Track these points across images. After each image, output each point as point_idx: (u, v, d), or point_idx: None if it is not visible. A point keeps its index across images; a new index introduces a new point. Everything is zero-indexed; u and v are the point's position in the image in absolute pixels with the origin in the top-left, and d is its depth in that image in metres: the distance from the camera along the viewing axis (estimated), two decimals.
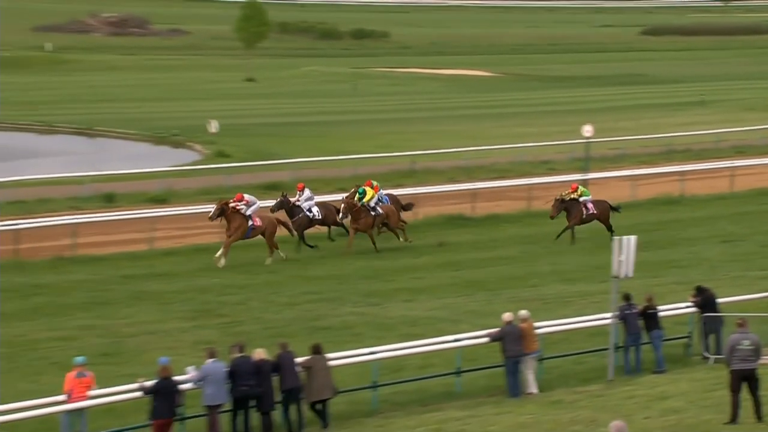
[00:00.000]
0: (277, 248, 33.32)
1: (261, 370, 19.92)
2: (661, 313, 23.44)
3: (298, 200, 35.21)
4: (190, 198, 43.05)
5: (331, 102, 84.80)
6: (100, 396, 19.68)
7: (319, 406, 20.39)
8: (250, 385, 19.77)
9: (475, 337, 22.56)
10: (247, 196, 33.89)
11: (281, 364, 20.14)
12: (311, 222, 35.18)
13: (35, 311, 27.88)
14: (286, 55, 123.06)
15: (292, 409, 20.20)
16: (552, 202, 35.64)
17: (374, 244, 34.42)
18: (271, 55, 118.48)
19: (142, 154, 60.02)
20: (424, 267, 32.85)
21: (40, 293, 29.66)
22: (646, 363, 23.02)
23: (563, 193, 35.69)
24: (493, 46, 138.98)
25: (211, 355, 19.86)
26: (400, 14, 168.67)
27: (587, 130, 43.48)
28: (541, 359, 22.42)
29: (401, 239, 35.20)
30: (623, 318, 22.79)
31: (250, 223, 33.21)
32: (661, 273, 30.52)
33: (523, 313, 22.26)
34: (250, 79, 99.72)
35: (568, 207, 35.43)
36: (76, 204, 41.56)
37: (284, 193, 35.84)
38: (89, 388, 19.56)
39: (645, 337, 23.10)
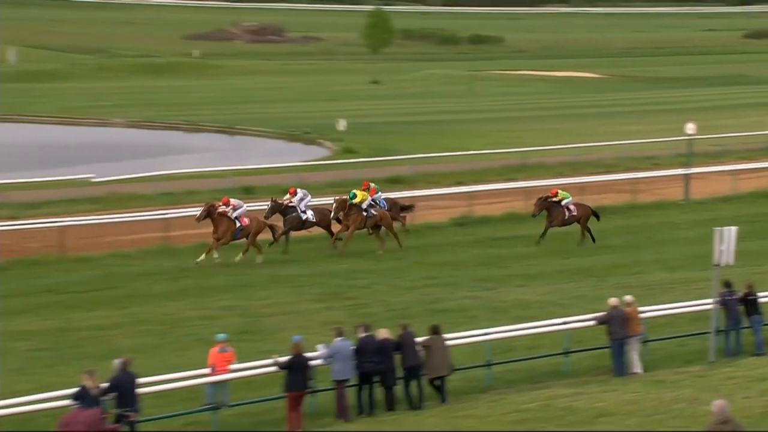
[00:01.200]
0: (256, 249, 31.59)
1: (384, 348, 19.96)
2: (761, 300, 22.94)
3: (291, 201, 33.15)
4: (320, 190, 43.15)
5: (449, 102, 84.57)
6: (240, 370, 19.89)
7: (437, 382, 20.36)
8: (375, 362, 19.81)
9: (583, 320, 22.32)
10: (233, 201, 32.20)
11: (403, 344, 20.16)
12: (303, 223, 33.07)
13: (182, 292, 28.29)
14: (409, 59, 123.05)
15: (413, 384, 20.19)
16: (536, 201, 33.89)
17: (345, 244, 32.31)
18: (394, 60, 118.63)
19: (277, 150, 60.55)
20: (535, 255, 32.59)
21: (187, 276, 30.07)
22: (745, 346, 22.54)
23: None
24: (601, 50, 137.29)
25: (339, 334, 19.95)
26: (515, 21, 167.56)
27: (690, 127, 42.67)
28: (645, 341, 22.08)
29: (399, 243, 32.85)
30: (724, 303, 22.35)
31: (238, 224, 31.52)
32: (761, 262, 29.81)
33: (628, 298, 21.99)
34: (375, 82, 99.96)
35: (550, 208, 33.55)
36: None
37: (274, 198, 33.59)
38: (230, 362, 19.78)
39: (745, 322, 22.64)
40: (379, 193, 34.34)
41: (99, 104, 79.33)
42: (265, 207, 33.29)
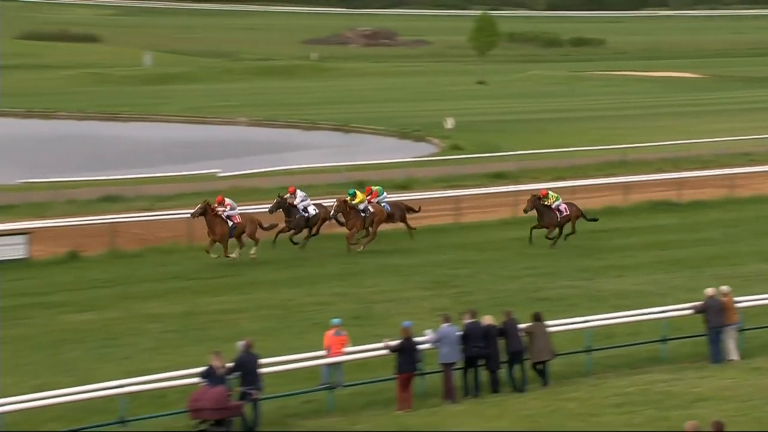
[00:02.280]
0: (257, 242, 30.49)
1: (489, 334, 19.92)
2: None
3: (293, 202, 31.96)
4: (429, 185, 43.25)
5: (551, 102, 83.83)
6: (354, 352, 20.01)
7: (540, 367, 20.25)
8: (480, 346, 19.79)
9: (680, 309, 21.97)
10: (228, 200, 30.89)
11: (506, 329, 20.10)
12: (307, 222, 32.03)
13: (299, 280, 28.53)
14: (513, 61, 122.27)
15: (516, 368, 20.12)
16: (529, 198, 32.33)
17: (352, 245, 31.39)
18: (499, 62, 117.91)
19: (388, 147, 60.66)
20: (633, 246, 32.17)
21: (304, 265, 30.31)
22: None
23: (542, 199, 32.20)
24: (699, 51, 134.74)
25: (446, 320, 19.94)
26: (616, 23, 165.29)
27: None
28: (741, 330, 21.65)
29: (353, 244, 31.57)
30: None
31: (231, 223, 30.20)
32: None
33: (725, 288, 21.59)
34: (481, 83, 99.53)
35: (541, 211, 31.90)
36: (334, 189, 42.24)
37: (280, 195, 32.30)
38: (345, 345, 19.92)
39: None
40: (384, 194, 33.05)
41: (224, 104, 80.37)
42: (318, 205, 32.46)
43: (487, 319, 20.11)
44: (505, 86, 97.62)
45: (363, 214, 31.68)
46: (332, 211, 31.64)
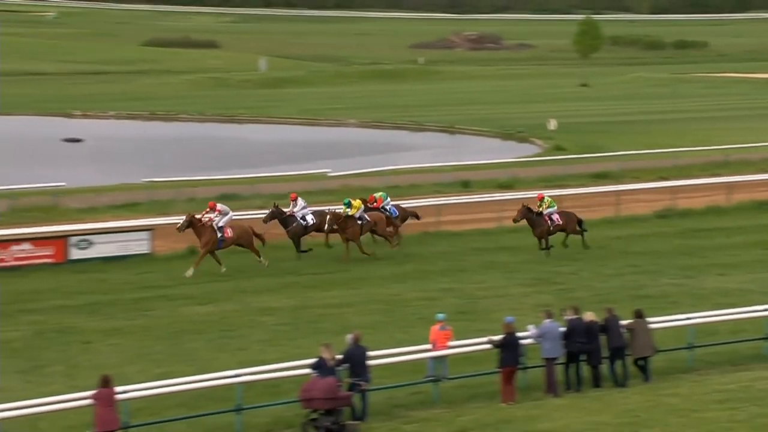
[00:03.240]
0: (259, 254, 29.30)
1: (591, 330, 19.69)
2: None
3: (293, 211, 30.83)
4: (532, 184, 42.91)
5: (654, 103, 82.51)
6: (459, 346, 19.95)
7: (641, 362, 19.94)
8: (582, 342, 19.57)
9: None
10: (219, 206, 29.30)
11: (608, 326, 19.85)
12: (306, 230, 30.73)
13: (406, 275, 28.55)
14: (616, 63, 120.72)
15: (618, 364, 19.84)
16: (520, 207, 30.46)
17: (363, 251, 30.14)
18: (602, 64, 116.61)
19: (492, 148, 60.39)
20: (736, 246, 31.46)
21: (410, 261, 30.33)
22: None
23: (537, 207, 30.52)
24: None
25: (549, 316, 19.77)
26: (719, 26, 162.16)
27: None
28: None
29: (393, 246, 30.84)
30: None
31: (220, 234, 28.71)
32: None
33: None
34: (583, 85, 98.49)
35: (532, 220, 30.20)
36: (439, 188, 42.28)
37: (276, 204, 31.13)
38: (449, 339, 19.87)
39: None
40: (388, 200, 32.05)
41: (335, 107, 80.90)
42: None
43: (589, 316, 19.88)
44: (608, 88, 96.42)
45: (359, 222, 30.22)
46: (326, 226, 30.00)
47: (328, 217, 30.15)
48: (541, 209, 30.37)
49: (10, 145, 60.40)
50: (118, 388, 17.04)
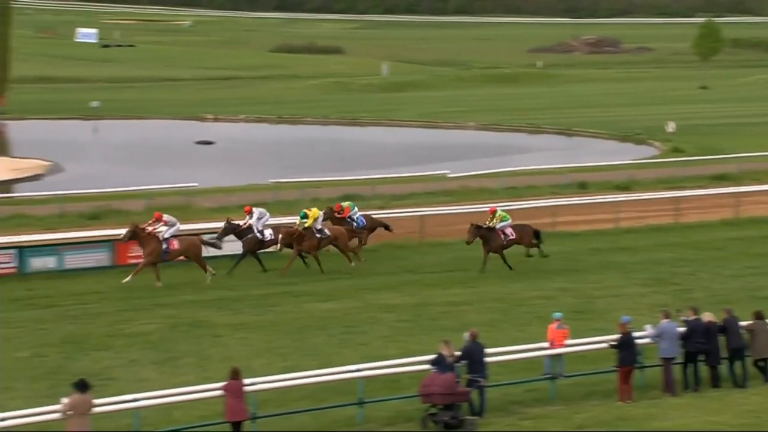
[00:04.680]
0: (206, 268, 27.43)
1: (710, 330, 19.30)
2: None
3: (249, 223, 28.87)
4: (649, 186, 42.25)
5: None
6: (575, 345, 19.77)
7: (761, 363, 19.47)
8: (701, 342, 19.21)
9: None
10: (166, 217, 27.72)
11: (727, 327, 19.45)
12: (262, 243, 28.82)
13: (523, 275, 28.36)
14: (737, 66, 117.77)
15: (737, 365, 19.41)
16: (469, 228, 28.54)
17: (320, 265, 28.47)
18: (723, 67, 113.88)
19: (609, 150, 59.58)
20: None
21: (526, 261, 30.04)
22: None
23: (487, 222, 28.65)
24: None
25: (666, 316, 19.44)
26: None
27: None
28: None
29: (351, 263, 28.88)
30: None
31: (165, 246, 27.15)
32: None
33: None
34: (703, 87, 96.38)
35: (485, 235, 28.35)
36: (556, 190, 41.90)
37: (229, 219, 29.35)
38: (566, 338, 19.70)
39: None
40: (355, 210, 30.55)
41: (454, 110, 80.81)
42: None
43: (708, 316, 19.49)
44: (729, 91, 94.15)
45: (319, 235, 28.56)
46: (278, 246, 28.41)
47: (280, 236, 28.41)
48: (492, 223, 28.54)
49: (147, 147, 61.97)
50: (246, 380, 17.34)
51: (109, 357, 21.20)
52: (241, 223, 28.98)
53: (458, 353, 18.32)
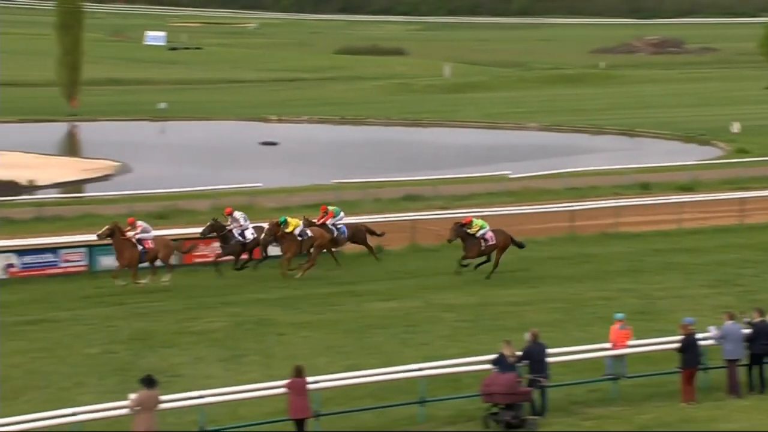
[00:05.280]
0: (171, 270, 27.14)
1: None
2: None
3: (231, 226, 28.38)
4: (713, 187, 41.67)
5: None
6: (637, 346, 19.58)
7: None
8: (766, 344, 18.92)
9: None
10: (140, 222, 27.36)
11: None
12: (244, 247, 28.37)
13: (585, 275, 28.17)
14: None
15: None
16: (452, 226, 28.10)
17: (289, 269, 27.99)
18: None
19: (673, 151, 58.87)
20: None
21: (589, 261, 29.91)
22: None
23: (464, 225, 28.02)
24: None
25: (731, 318, 19.17)
26: None
27: None
28: None
29: (303, 269, 28.02)
30: None
31: (140, 247, 26.81)
32: None
33: None
34: None
35: (465, 239, 27.79)
36: (618, 191, 41.51)
37: (215, 219, 28.86)
38: (629, 339, 19.53)
39: None
40: (341, 215, 29.85)
41: (516, 111, 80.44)
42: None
43: None
44: None
45: (300, 238, 28.06)
46: (263, 236, 27.95)
47: (266, 227, 27.95)
48: (472, 231, 27.84)
49: (213, 148, 62.52)
50: (309, 378, 17.41)
51: (176, 354, 21.42)
52: (227, 225, 28.33)
53: (519, 353, 18.23)
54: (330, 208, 30.03)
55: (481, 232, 27.96)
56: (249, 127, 72.38)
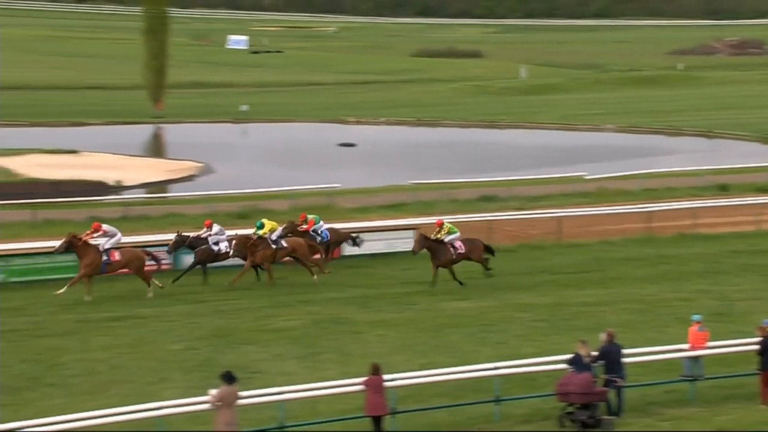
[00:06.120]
0: (149, 282, 26.00)
1: None
2: None
3: (208, 234, 27.70)
4: None
5: None
6: (715, 347, 19.25)
7: None
8: None
9: None
10: (105, 227, 26.03)
11: None
12: (216, 256, 27.59)
13: (661, 276, 27.80)
14: None
15: None
16: (417, 236, 27.16)
17: (271, 277, 27.15)
18: None
19: (752, 152, 57.76)
20: None
21: (666, 262, 29.51)
22: None
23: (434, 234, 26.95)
24: None
25: None
26: None
27: None
28: None
29: (314, 276, 27.41)
30: None
31: (105, 258, 25.51)
32: None
33: None
34: None
35: (433, 248, 26.67)
36: (695, 192, 40.90)
37: (179, 231, 28.14)
38: (707, 340, 19.21)
39: None
40: (321, 223, 29.14)
41: (592, 112, 79.66)
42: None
43: None
44: None
45: (274, 246, 27.19)
46: (231, 251, 27.15)
47: (233, 242, 27.14)
48: (439, 236, 26.93)
49: (292, 149, 62.98)
50: (386, 376, 17.42)
51: (255, 351, 21.60)
52: (191, 234, 27.86)
53: (595, 353, 18.03)
54: (309, 216, 29.26)
55: (450, 237, 26.94)
56: (327, 129, 72.75)
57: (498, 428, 17.65)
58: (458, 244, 27.09)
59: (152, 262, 26.62)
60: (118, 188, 47.48)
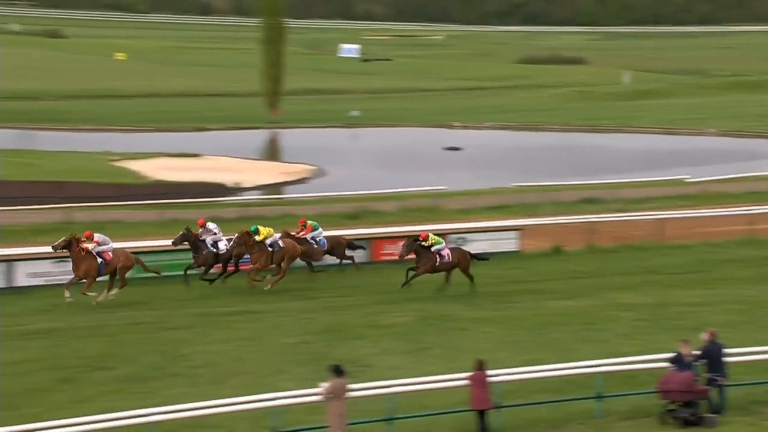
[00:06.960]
0: (122, 286, 25.07)
1: None
2: None
3: (203, 238, 26.92)
4: None
5: None
6: None
7: None
8: None
9: None
10: (97, 236, 25.06)
11: None
12: (217, 258, 26.85)
13: (764, 278, 27.13)
14: None
15: None
16: (404, 242, 26.10)
17: (259, 281, 26.46)
18: None
19: None
20: None
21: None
22: None
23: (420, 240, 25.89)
24: None
25: None
26: None
27: None
28: None
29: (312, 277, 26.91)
30: None
31: (100, 260, 24.71)
32: None
33: None
34: None
35: (419, 253, 25.75)
36: None
37: (187, 227, 27.16)
38: None
39: None
40: (319, 230, 27.96)
41: (694, 116, 78.02)
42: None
43: None
44: None
45: (270, 249, 26.40)
46: (232, 245, 26.37)
47: (235, 236, 26.35)
48: (426, 244, 26.04)
49: (400, 153, 63.18)
50: (490, 372, 17.32)
51: (365, 346, 21.69)
52: (199, 234, 27.08)
53: (697, 352, 17.62)
54: (309, 222, 28.23)
55: (437, 247, 26.17)
56: (434, 133, 72.78)
57: (600, 425, 17.39)
58: (445, 252, 26.31)
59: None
60: (237, 190, 48.30)
